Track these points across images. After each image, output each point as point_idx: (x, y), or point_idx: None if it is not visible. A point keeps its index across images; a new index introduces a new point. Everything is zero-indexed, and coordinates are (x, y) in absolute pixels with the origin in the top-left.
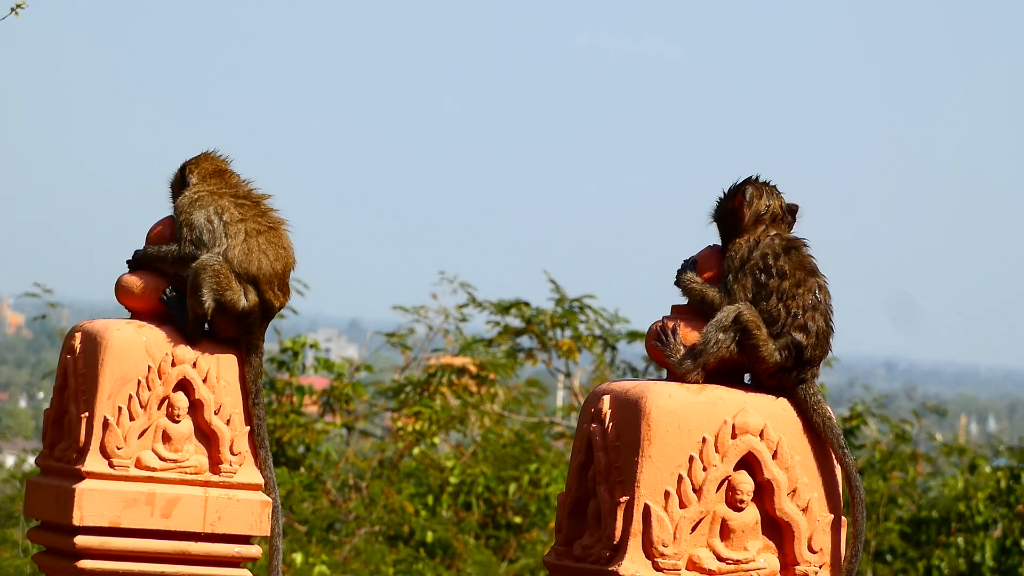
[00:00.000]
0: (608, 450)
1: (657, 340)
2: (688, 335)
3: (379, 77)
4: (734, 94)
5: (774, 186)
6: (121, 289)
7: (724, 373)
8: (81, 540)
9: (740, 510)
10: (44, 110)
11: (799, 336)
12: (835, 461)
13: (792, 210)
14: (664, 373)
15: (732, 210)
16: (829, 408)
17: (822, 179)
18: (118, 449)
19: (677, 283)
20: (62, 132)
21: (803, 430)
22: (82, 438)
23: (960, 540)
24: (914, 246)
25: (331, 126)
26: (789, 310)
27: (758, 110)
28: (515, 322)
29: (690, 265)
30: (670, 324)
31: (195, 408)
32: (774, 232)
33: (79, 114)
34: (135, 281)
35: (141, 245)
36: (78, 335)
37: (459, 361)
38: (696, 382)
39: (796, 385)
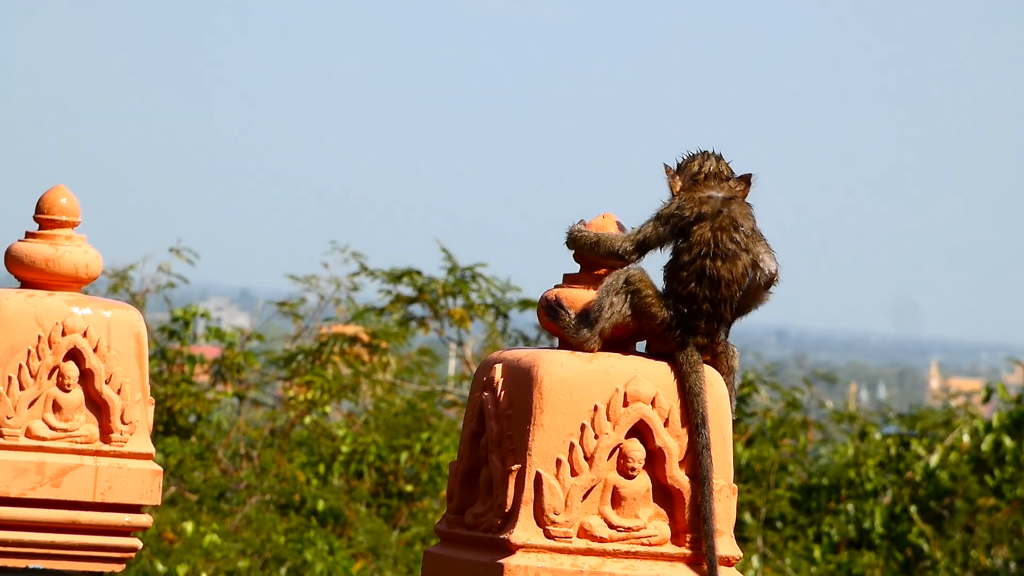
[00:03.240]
0: (500, 418)
1: (549, 311)
2: (577, 302)
3: (270, 41)
4: (627, 58)
5: (715, 152)
6: (10, 258)
7: (618, 343)
8: None
9: (631, 478)
10: None
11: (686, 297)
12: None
13: (745, 179)
14: (556, 342)
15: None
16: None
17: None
18: (8, 419)
19: (568, 239)
20: None
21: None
22: None
23: (850, 507)
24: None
25: (223, 91)
26: (680, 270)
27: (650, 74)
28: (407, 291)
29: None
30: (553, 294)
31: (86, 377)
32: (713, 192)
33: None
34: (25, 250)
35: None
36: None
37: (351, 330)
38: (592, 350)
39: (679, 349)
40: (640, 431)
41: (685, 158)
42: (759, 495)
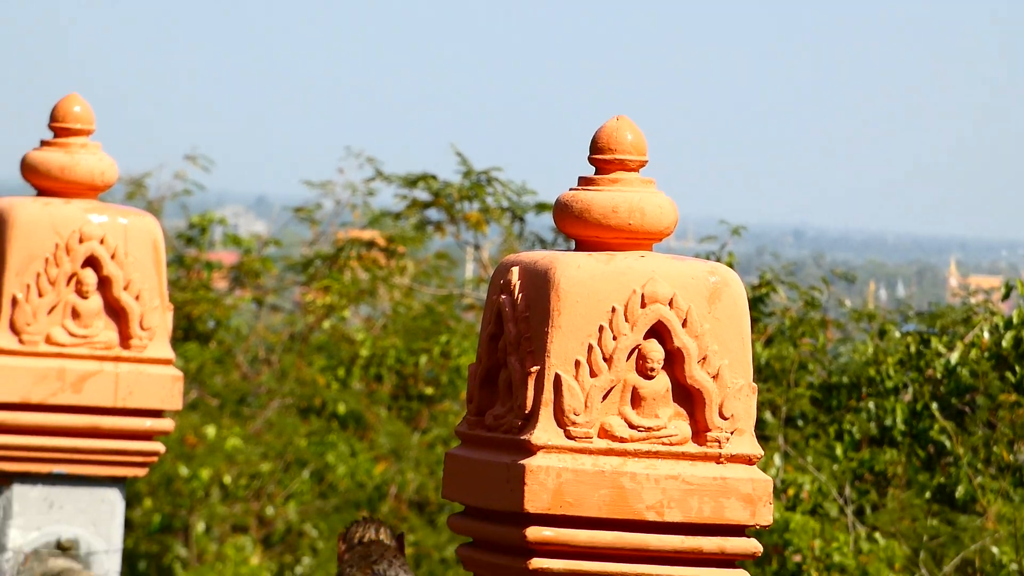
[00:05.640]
0: (518, 321)
1: None
2: (592, 207)
3: None
4: None
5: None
6: (26, 167)
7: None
8: None
9: (651, 378)
10: None
11: None
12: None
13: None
14: (573, 244)
15: None
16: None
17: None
18: (27, 325)
19: None
20: None
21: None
22: None
23: (871, 405)
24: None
25: None
26: None
27: None
28: (423, 195)
29: None
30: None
31: (104, 284)
32: None
33: None
34: (40, 158)
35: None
36: None
37: (367, 235)
38: None
39: None
40: (658, 332)
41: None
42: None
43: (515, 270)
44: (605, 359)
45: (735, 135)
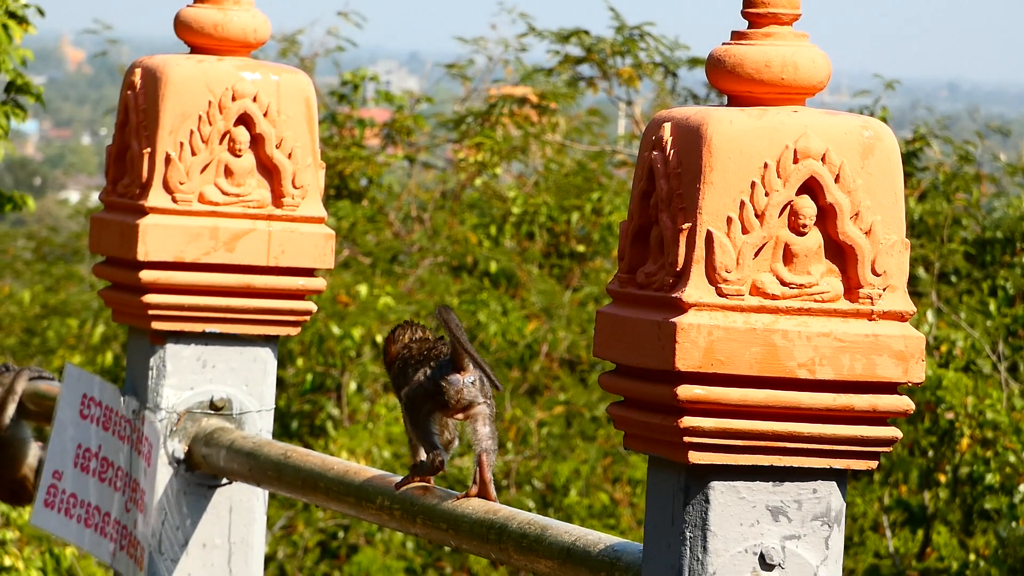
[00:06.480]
0: (670, 177)
1: None
2: (744, 61)
3: None
4: None
5: None
6: (180, 24)
7: None
8: (146, 275)
9: (803, 235)
10: None
11: None
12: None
13: None
14: (725, 99)
15: None
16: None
17: None
18: (180, 184)
19: None
20: None
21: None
22: (144, 173)
23: None
24: None
25: None
26: None
27: None
28: (575, 51)
29: None
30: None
31: (256, 142)
32: None
33: None
34: (193, 15)
35: None
36: (138, 71)
37: (519, 91)
38: None
39: None
40: (810, 187)
41: None
42: (932, 249)
43: (667, 126)
44: (757, 215)
45: None
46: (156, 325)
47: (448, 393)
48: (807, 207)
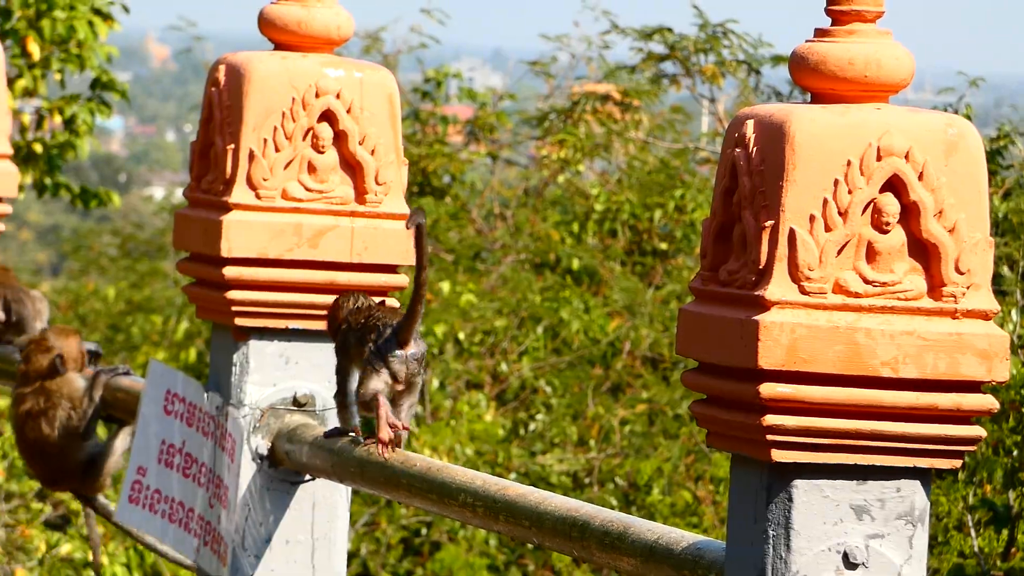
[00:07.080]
0: (752, 174)
1: None
2: (827, 58)
3: None
4: None
5: None
6: (263, 21)
7: None
8: (229, 271)
9: (886, 232)
10: None
11: None
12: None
13: None
14: (809, 97)
15: None
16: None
17: None
18: (264, 180)
19: None
20: None
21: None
22: (228, 170)
23: None
24: None
25: None
26: None
27: None
28: (658, 48)
29: None
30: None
31: (339, 139)
32: None
33: None
34: (277, 12)
35: None
36: (222, 67)
37: (602, 88)
38: None
39: None
40: (894, 185)
41: None
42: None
43: (750, 123)
44: (840, 213)
45: None
46: (239, 321)
47: (393, 367)
48: (890, 205)
